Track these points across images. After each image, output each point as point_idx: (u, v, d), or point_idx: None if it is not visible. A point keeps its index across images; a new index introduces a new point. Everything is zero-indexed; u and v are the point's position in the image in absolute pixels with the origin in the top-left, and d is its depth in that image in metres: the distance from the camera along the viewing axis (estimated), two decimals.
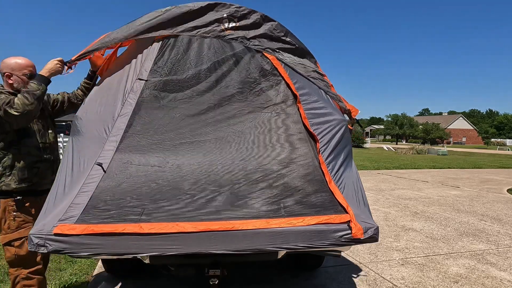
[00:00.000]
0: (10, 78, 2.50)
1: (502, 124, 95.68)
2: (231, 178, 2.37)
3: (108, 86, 2.74)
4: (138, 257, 2.07)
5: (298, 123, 2.71)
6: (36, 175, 2.52)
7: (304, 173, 2.47)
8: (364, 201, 2.48)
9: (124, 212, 2.11)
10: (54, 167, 2.67)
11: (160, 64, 2.71)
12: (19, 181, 2.44)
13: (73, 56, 2.74)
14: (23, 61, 2.54)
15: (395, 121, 73.37)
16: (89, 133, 2.50)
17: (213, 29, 2.81)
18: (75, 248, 1.95)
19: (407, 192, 9.71)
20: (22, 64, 2.53)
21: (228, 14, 2.84)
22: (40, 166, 2.55)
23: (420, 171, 15.80)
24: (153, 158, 2.43)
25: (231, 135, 2.60)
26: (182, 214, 2.14)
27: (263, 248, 2.06)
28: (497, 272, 4.09)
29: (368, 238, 2.12)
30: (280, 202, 2.26)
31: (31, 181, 2.50)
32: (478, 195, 9.35)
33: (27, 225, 2.47)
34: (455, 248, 4.90)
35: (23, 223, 2.48)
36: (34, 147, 2.53)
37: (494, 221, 6.51)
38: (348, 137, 2.81)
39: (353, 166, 2.76)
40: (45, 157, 2.59)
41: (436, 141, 67.11)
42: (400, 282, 3.75)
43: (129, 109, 2.56)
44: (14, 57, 2.55)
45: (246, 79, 2.78)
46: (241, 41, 2.84)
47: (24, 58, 2.57)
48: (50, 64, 2.57)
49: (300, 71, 2.93)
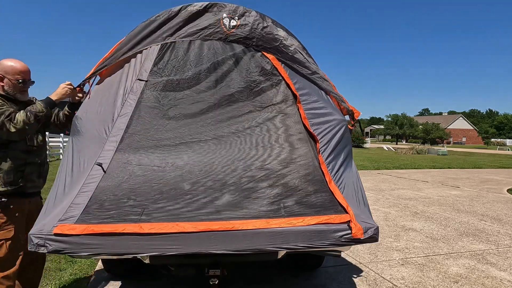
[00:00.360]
0: (3, 81, 2.46)
1: (502, 124, 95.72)
2: (231, 178, 2.37)
3: (108, 86, 2.74)
4: (138, 257, 2.07)
5: (298, 123, 2.71)
6: (22, 178, 2.47)
7: (304, 173, 2.47)
8: (364, 201, 2.48)
9: (124, 212, 2.11)
10: (41, 170, 2.64)
11: (160, 65, 2.72)
12: (4, 184, 2.40)
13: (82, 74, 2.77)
14: (18, 66, 2.49)
15: (395, 121, 73.39)
16: (89, 133, 2.50)
17: (214, 32, 2.81)
18: (75, 248, 1.95)
19: (407, 192, 9.71)
20: (16, 69, 2.47)
21: (227, 14, 2.84)
22: (26, 169, 2.50)
23: (420, 171, 15.80)
24: (153, 158, 2.43)
25: (231, 135, 2.60)
26: (182, 214, 2.14)
27: (263, 248, 2.06)
28: (497, 272, 4.09)
29: (368, 238, 2.12)
30: (280, 202, 2.26)
31: (17, 184, 2.45)
32: (478, 195, 9.35)
33: (8, 227, 2.42)
34: (455, 248, 4.90)
35: (5, 225, 2.42)
36: (21, 151, 2.48)
37: (494, 221, 6.51)
38: (348, 137, 2.81)
39: (353, 166, 2.76)
40: (32, 161, 2.54)
41: (436, 141, 67.13)
42: (400, 282, 3.75)
43: (129, 109, 2.56)
44: (11, 60, 2.50)
45: (246, 79, 2.78)
46: (242, 41, 2.84)
47: (20, 62, 2.51)
48: (59, 89, 2.63)
49: (302, 70, 2.92)
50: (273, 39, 2.89)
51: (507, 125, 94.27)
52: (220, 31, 2.83)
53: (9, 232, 2.41)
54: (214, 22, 2.82)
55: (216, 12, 2.83)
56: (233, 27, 2.84)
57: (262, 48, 2.87)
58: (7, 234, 2.40)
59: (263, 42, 2.87)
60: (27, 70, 2.53)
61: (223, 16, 2.83)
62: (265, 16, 2.92)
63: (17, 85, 2.47)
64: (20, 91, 2.50)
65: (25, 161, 2.48)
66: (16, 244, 2.45)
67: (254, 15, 2.88)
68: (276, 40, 2.89)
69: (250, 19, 2.87)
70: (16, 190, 2.45)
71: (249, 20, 2.86)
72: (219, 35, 2.82)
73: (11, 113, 2.34)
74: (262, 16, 2.91)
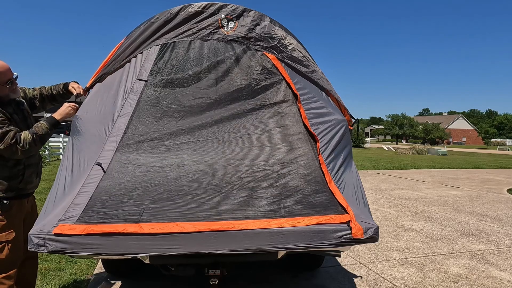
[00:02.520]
0: None
1: (502, 124, 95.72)
2: (231, 178, 2.37)
3: (108, 86, 2.74)
4: (138, 257, 2.07)
5: (299, 123, 2.71)
6: (22, 182, 2.46)
7: (304, 173, 2.47)
8: (364, 201, 2.48)
9: (124, 212, 2.11)
10: (38, 169, 2.63)
11: (160, 65, 2.72)
12: (5, 190, 2.37)
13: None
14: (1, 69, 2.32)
15: (395, 121, 73.38)
16: (89, 133, 2.50)
17: (213, 32, 2.82)
18: (75, 248, 1.95)
19: (407, 192, 9.71)
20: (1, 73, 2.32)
21: (226, 14, 2.84)
22: (25, 172, 2.47)
23: (420, 171, 15.80)
24: (153, 158, 2.43)
25: (231, 134, 2.60)
26: (182, 214, 2.14)
27: (263, 248, 2.06)
28: (497, 272, 4.09)
29: (368, 238, 2.12)
30: (280, 202, 2.26)
31: (18, 187, 2.43)
32: (478, 195, 9.35)
33: (9, 229, 2.40)
34: (455, 248, 4.90)
35: (6, 227, 2.39)
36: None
37: (494, 221, 6.51)
38: (348, 137, 2.81)
39: (353, 166, 2.75)
40: (30, 163, 2.52)
41: (436, 141, 67.13)
42: (400, 282, 3.75)
43: (129, 109, 2.56)
44: None
45: (246, 79, 2.78)
46: (241, 41, 2.84)
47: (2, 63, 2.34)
48: (63, 108, 2.62)
49: (302, 69, 2.93)
50: (271, 38, 2.89)
51: (507, 125, 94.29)
52: (219, 31, 2.83)
53: (10, 234, 2.40)
54: (213, 22, 2.83)
55: (214, 12, 2.83)
56: (232, 27, 2.85)
57: (261, 47, 2.87)
58: (9, 236, 2.39)
59: (262, 41, 2.88)
60: (8, 68, 2.38)
61: (222, 16, 2.84)
62: (263, 15, 2.93)
63: (6, 88, 2.37)
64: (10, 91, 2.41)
65: (24, 165, 2.47)
66: (17, 245, 2.45)
67: (252, 14, 2.89)
68: (274, 39, 2.89)
69: (249, 19, 2.87)
70: (17, 193, 2.44)
71: (247, 19, 2.87)
72: (218, 35, 2.83)
73: (15, 135, 2.29)
74: (260, 16, 2.91)
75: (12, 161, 2.38)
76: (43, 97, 2.79)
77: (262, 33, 2.88)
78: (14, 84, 2.43)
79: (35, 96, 2.76)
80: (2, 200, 2.37)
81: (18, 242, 2.46)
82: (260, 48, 2.87)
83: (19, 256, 2.49)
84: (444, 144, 62.55)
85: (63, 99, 2.85)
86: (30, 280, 2.73)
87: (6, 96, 2.39)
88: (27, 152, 2.35)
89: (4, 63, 2.35)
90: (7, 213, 2.39)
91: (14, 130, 2.32)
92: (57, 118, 2.55)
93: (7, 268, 2.42)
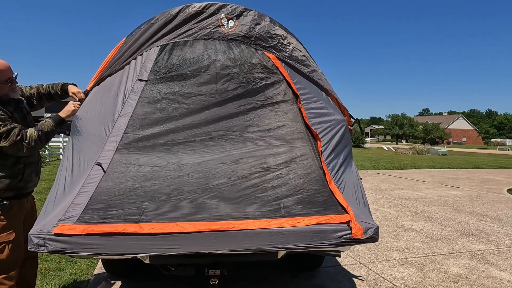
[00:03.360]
0: None
1: (502, 124, 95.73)
2: (231, 178, 2.37)
3: (108, 86, 2.74)
4: (138, 257, 2.07)
5: (299, 122, 2.71)
6: (22, 181, 2.45)
7: (304, 173, 2.47)
8: (364, 201, 2.48)
9: (124, 212, 2.11)
10: (38, 168, 2.62)
11: (160, 64, 2.72)
12: (5, 189, 2.36)
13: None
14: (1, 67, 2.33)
15: (395, 121, 73.39)
16: (89, 133, 2.50)
17: (213, 31, 2.82)
18: (75, 248, 1.95)
19: (407, 192, 9.71)
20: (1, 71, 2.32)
21: (225, 14, 2.84)
22: (25, 171, 2.46)
23: (420, 171, 15.80)
24: (153, 158, 2.43)
25: (231, 134, 2.60)
26: (182, 213, 2.14)
27: (263, 248, 2.06)
28: (497, 272, 4.09)
29: (368, 238, 2.11)
30: (280, 202, 2.26)
31: (17, 186, 2.43)
32: (478, 195, 9.35)
33: (9, 230, 2.40)
34: (455, 248, 4.90)
35: (6, 228, 2.38)
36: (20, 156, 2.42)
37: (494, 221, 6.51)
38: (348, 137, 2.81)
39: (353, 166, 2.75)
40: (30, 161, 2.51)
41: (436, 141, 67.14)
42: (400, 282, 3.75)
43: (129, 109, 2.56)
44: None
45: (246, 78, 2.78)
46: (242, 40, 2.85)
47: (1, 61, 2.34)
48: (68, 107, 2.67)
49: (302, 69, 2.93)
50: (271, 37, 2.90)
51: (507, 125, 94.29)
52: (219, 30, 2.83)
53: (10, 234, 2.40)
54: (213, 22, 2.83)
55: (214, 12, 2.83)
56: (232, 26, 2.85)
57: (261, 46, 2.87)
58: (9, 236, 2.39)
59: (262, 40, 2.88)
60: (8, 67, 2.38)
61: (222, 16, 2.84)
62: (263, 15, 2.93)
63: (7, 86, 2.37)
64: (10, 90, 2.41)
65: (24, 164, 2.47)
66: (17, 245, 2.45)
67: (252, 14, 2.89)
68: (274, 39, 2.90)
69: (249, 18, 2.87)
70: (17, 192, 2.44)
71: (247, 19, 2.87)
72: (218, 34, 2.83)
73: (20, 131, 2.30)
74: (260, 15, 2.91)
75: (12, 160, 2.38)
76: (40, 96, 2.80)
77: (262, 33, 2.88)
78: (14, 83, 2.43)
79: (32, 95, 2.76)
80: (2, 201, 2.37)
81: (19, 243, 2.46)
82: (260, 48, 2.87)
83: (20, 256, 2.49)
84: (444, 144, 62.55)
85: (61, 98, 2.88)
86: (30, 280, 2.73)
87: (6, 95, 2.39)
88: (32, 149, 2.36)
89: (4, 62, 2.36)
90: (7, 214, 2.38)
91: (19, 127, 2.32)
92: (62, 116, 2.60)
93: (7, 269, 2.41)
